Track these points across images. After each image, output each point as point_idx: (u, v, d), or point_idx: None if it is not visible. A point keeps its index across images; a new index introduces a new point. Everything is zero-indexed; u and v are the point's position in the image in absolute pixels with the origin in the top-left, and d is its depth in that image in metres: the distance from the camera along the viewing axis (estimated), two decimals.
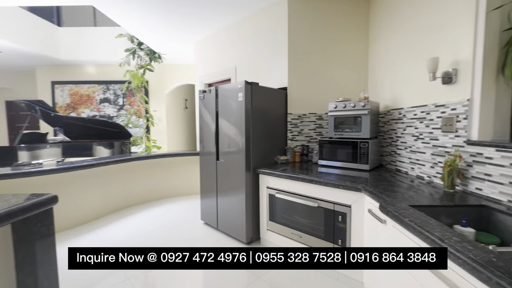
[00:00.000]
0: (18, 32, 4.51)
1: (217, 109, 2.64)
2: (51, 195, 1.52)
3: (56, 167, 2.80)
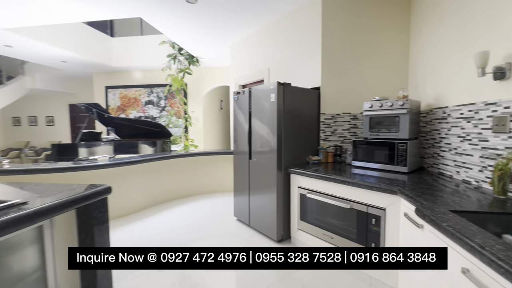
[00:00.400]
0: (80, 44, 5.16)
1: (250, 110, 2.73)
2: (106, 186, 1.75)
3: (108, 162, 3.16)
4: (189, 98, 6.24)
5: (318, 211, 2.23)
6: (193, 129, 6.12)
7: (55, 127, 8.27)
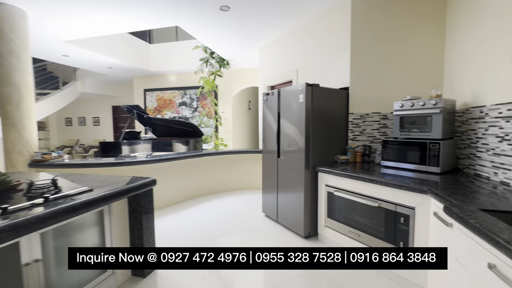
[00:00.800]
0: (123, 52, 5.69)
1: (279, 110, 2.84)
2: (152, 178, 1.99)
3: (146, 159, 3.48)
4: (219, 99, 6.52)
5: (345, 209, 2.27)
6: (223, 128, 6.38)
7: (100, 127, 9.15)
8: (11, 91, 2.93)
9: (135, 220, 1.94)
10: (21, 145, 3.00)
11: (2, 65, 2.89)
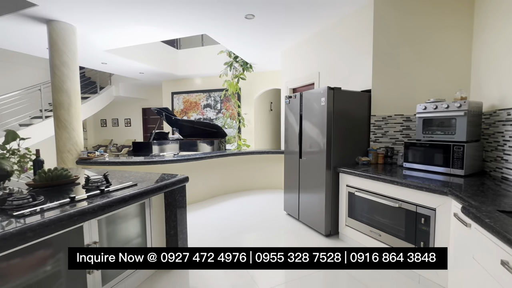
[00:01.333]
0: (153, 58, 6.10)
1: (301, 112, 2.95)
2: (185, 175, 2.20)
3: (174, 158, 3.74)
4: (242, 101, 6.73)
5: (366, 209, 2.33)
6: (246, 129, 6.58)
7: (131, 128, 9.79)
8: (63, 97, 3.34)
9: (170, 213, 2.16)
10: (70, 145, 3.40)
11: (56, 74, 3.30)
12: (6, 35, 3.84)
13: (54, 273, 1.41)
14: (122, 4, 2.90)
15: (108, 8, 3.01)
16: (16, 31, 3.69)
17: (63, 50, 3.34)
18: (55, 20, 3.28)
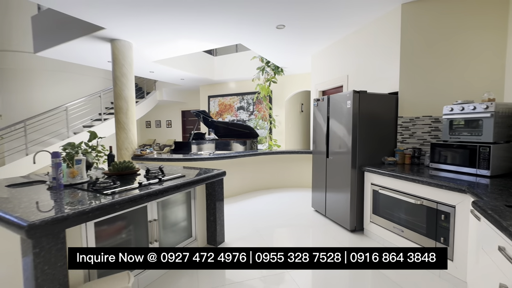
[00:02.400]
0: (193, 65, 6.70)
1: (328, 114, 3.13)
2: (223, 170, 2.55)
3: (210, 156, 4.16)
4: (274, 103, 7.01)
5: (390, 206, 2.45)
6: (276, 130, 6.85)
7: (172, 129, 10.70)
8: (122, 103, 3.97)
9: (210, 202, 2.53)
10: (127, 143, 4.01)
11: (117, 84, 3.94)
12: (77, 52, 4.65)
13: (126, 241, 1.85)
14: (169, 23, 3.39)
15: (158, 27, 3.53)
16: (86, 49, 4.45)
17: (122, 63, 3.97)
18: (117, 39, 3.93)
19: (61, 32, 4.08)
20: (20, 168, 5.36)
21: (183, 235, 2.35)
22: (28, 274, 1.22)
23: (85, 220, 1.36)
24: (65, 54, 4.80)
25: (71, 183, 1.89)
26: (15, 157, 5.62)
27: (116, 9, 3.01)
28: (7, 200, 1.52)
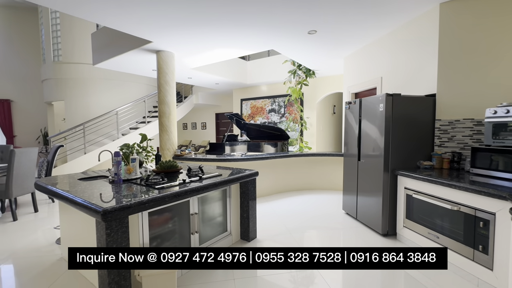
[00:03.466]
0: (227, 70, 7.05)
1: (360, 117, 3.14)
2: (256, 170, 2.73)
3: (242, 157, 4.37)
4: (305, 105, 7.05)
5: (424, 211, 2.40)
6: (308, 132, 6.87)
7: (206, 130, 11.27)
8: (165, 108, 4.39)
9: (244, 200, 2.73)
10: (169, 144, 4.42)
11: (161, 91, 4.37)
12: (128, 62, 5.23)
13: (171, 230, 2.12)
14: (208, 35, 3.69)
15: (197, 39, 3.86)
16: (135, 60, 5.00)
17: (166, 72, 4.39)
18: (162, 50, 4.36)
19: (115, 46, 4.66)
20: (80, 165, 6.18)
21: (219, 229, 2.57)
22: None
23: (142, 209, 1.63)
24: (118, 65, 5.44)
25: (128, 179, 2.22)
26: (76, 155, 6.48)
27: (162, 25, 3.38)
28: (82, 191, 1.87)
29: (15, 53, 9.15)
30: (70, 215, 2.17)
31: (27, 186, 3.58)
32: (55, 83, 7.62)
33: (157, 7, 2.89)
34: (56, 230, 3.04)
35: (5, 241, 2.81)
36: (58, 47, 7.58)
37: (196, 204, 2.27)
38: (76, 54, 7.44)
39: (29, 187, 3.62)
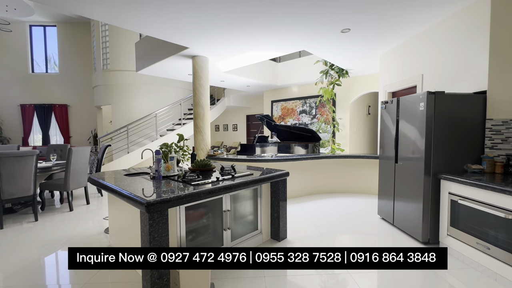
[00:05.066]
0: (258, 73, 7.16)
1: (398, 117, 2.97)
2: (287, 171, 2.74)
3: (272, 158, 4.38)
4: (337, 106, 6.85)
5: (472, 219, 2.19)
6: (340, 134, 6.67)
7: (237, 132, 11.54)
8: (199, 110, 4.61)
9: (274, 199, 2.75)
10: (203, 145, 4.63)
11: (196, 94, 4.61)
12: (165, 68, 5.61)
13: (206, 225, 2.23)
14: (240, 39, 3.81)
15: (230, 43, 4.00)
16: (172, 65, 5.34)
17: (201, 75, 4.62)
18: (197, 55, 4.60)
19: (155, 53, 5.03)
20: (124, 163, 6.75)
21: (250, 227, 2.63)
22: (145, 239, 1.66)
23: (180, 203, 1.75)
24: (157, 71, 5.86)
25: (167, 175, 2.39)
26: (120, 154, 7.10)
27: (199, 31, 3.57)
28: (128, 185, 2.07)
29: (72, 64, 10.34)
30: (117, 207, 2.40)
31: (82, 181, 4.03)
32: (104, 89, 8.44)
33: (196, 13, 3.07)
34: (105, 221, 3.37)
35: (63, 229, 3.19)
36: (107, 56, 8.39)
37: (229, 202, 2.36)
38: (122, 62, 8.16)
39: (83, 182, 4.06)
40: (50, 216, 3.66)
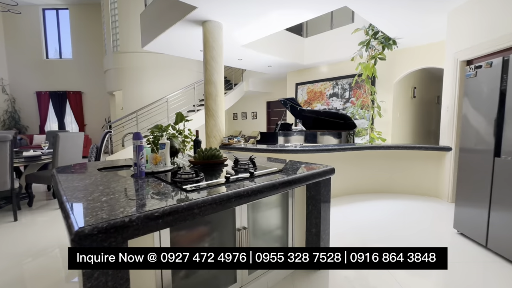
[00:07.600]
0: (281, 49, 6.16)
1: (503, 87, 1.94)
2: (332, 166, 1.85)
3: (298, 148, 3.49)
4: (377, 87, 5.71)
5: None
6: (381, 120, 5.56)
7: (257, 120, 10.64)
8: (211, 89, 3.78)
9: (312, 208, 1.88)
10: (216, 131, 3.82)
11: (207, 69, 3.77)
12: (173, 42, 4.80)
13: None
14: None
15: None
16: (179, 37, 4.52)
17: (213, 46, 3.76)
18: (208, 20, 3.73)
19: (160, 22, 4.23)
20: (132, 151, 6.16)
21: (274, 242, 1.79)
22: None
23: (151, 230, 0.94)
24: (165, 46, 5.08)
25: (153, 171, 1.59)
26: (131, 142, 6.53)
27: None
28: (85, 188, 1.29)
29: (84, 49, 9.90)
30: None
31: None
32: (115, 73, 7.89)
33: None
34: None
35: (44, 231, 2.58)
36: (116, 37, 7.78)
37: (245, 214, 1.52)
38: (131, 43, 7.52)
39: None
40: (37, 214, 3.08)
